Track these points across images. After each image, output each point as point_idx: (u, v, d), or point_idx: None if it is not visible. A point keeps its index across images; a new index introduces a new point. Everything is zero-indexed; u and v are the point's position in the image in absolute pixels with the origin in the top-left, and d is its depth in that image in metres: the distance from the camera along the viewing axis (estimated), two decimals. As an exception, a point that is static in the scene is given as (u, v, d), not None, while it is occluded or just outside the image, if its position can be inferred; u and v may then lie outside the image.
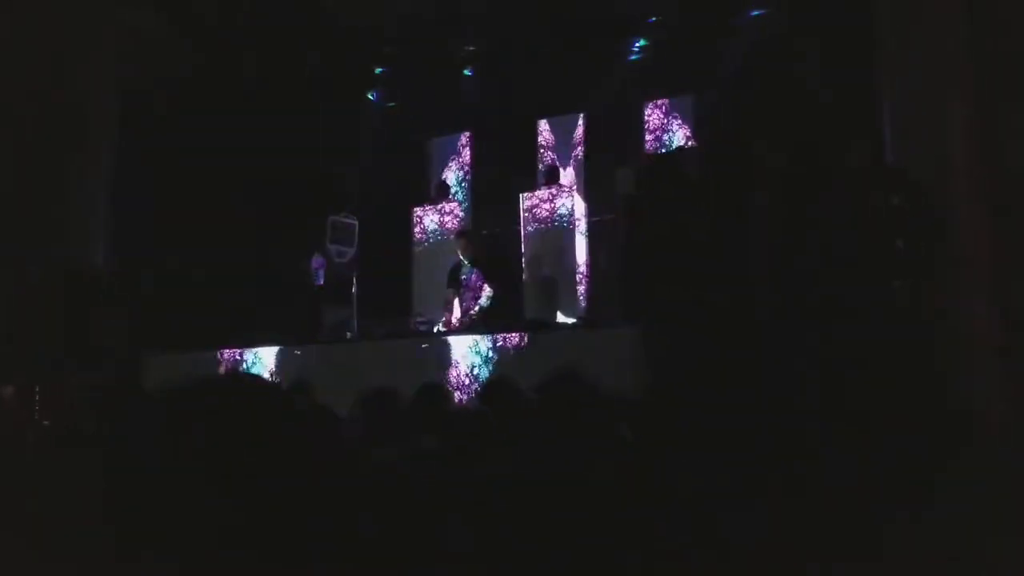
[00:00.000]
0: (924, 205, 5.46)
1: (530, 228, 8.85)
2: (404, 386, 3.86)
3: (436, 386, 4.46)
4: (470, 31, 9.11)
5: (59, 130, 8.23)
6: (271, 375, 7.11)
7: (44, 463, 2.52)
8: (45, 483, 2.02)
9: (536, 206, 8.85)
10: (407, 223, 9.63)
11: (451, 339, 6.91)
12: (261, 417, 1.60)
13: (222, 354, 7.52)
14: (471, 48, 9.28)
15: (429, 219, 9.49)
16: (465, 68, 9.38)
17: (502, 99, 9.35)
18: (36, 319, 7.38)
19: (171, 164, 8.77)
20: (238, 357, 7.49)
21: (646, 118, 8.94)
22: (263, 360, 7.37)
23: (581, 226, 8.87)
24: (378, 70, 9.66)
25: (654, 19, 8.48)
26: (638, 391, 5.15)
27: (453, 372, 6.64)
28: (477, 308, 7.65)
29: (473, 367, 6.57)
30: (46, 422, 6.06)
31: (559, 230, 8.74)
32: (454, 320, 7.74)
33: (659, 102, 8.93)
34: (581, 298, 8.73)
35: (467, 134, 9.88)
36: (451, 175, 9.88)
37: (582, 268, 8.81)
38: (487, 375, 6.38)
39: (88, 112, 8.48)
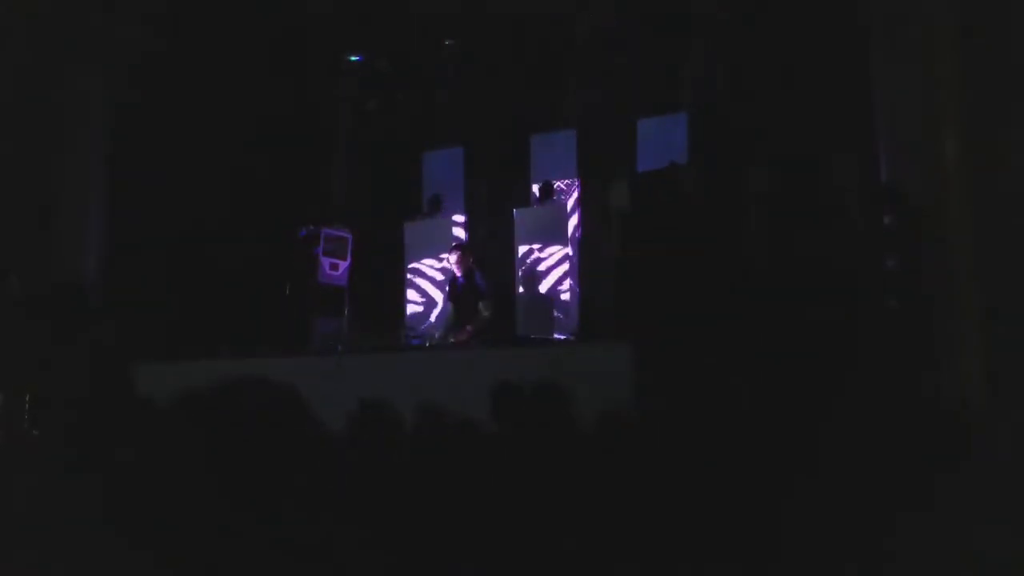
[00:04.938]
0: (916, 223, 5.48)
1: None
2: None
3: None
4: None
5: (50, 138, 8.22)
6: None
7: (33, 471, 2.49)
8: (35, 491, 2.00)
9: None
10: (399, 236, 9.63)
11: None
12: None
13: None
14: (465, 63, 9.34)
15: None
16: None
17: (495, 114, 9.39)
18: (24, 328, 7.34)
19: (161, 174, 8.75)
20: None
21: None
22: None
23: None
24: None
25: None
26: (630, 408, 5.15)
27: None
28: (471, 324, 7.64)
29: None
30: (34, 431, 6.02)
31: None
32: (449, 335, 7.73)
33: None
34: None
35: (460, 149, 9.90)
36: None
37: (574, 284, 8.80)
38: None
39: (80, 121, 8.47)
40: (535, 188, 9.20)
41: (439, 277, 9.16)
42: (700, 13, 8.22)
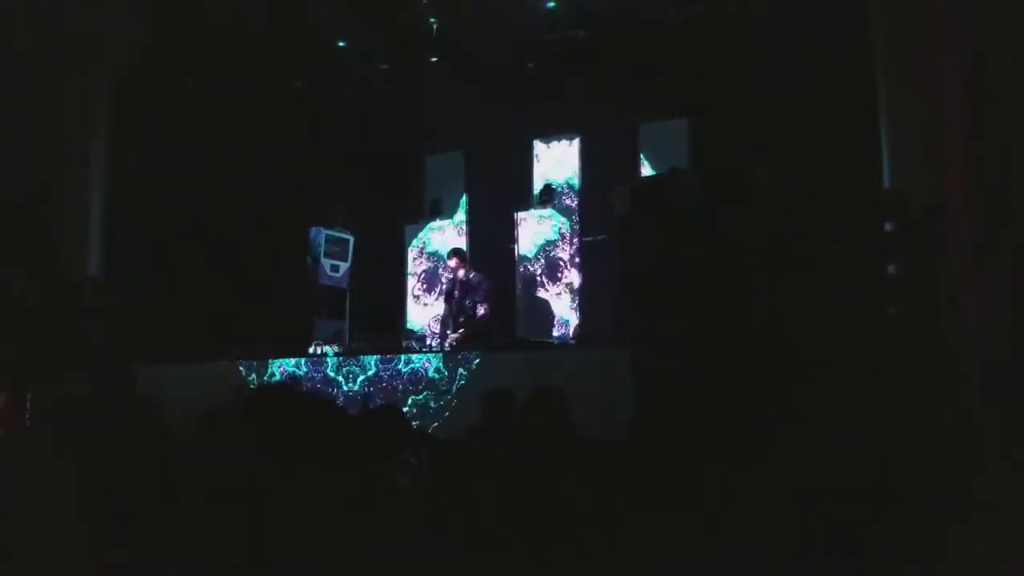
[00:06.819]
0: (919, 227, 5.48)
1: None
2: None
3: None
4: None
5: (53, 138, 8.23)
6: None
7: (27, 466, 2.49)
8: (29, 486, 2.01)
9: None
10: (400, 240, 9.65)
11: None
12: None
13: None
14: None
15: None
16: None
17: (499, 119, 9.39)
18: (21, 326, 7.35)
19: (163, 175, 8.76)
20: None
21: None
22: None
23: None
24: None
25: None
26: (628, 413, 5.15)
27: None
28: (467, 326, 7.63)
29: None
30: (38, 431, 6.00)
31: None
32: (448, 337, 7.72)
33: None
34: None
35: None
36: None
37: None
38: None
39: (82, 120, 8.48)
40: (536, 191, 9.21)
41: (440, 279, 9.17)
42: (703, 16, 8.21)
